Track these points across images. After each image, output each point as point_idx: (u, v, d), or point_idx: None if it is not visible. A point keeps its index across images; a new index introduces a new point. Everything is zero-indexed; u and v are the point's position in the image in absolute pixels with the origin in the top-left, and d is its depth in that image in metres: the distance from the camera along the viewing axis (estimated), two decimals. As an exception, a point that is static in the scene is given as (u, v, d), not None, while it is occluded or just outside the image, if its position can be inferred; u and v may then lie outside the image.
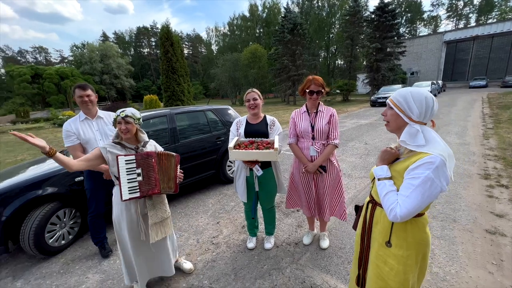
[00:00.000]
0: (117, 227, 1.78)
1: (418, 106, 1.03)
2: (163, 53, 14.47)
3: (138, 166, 1.64)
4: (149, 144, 1.83)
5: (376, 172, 1.15)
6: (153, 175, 1.68)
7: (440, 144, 1.00)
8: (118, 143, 1.71)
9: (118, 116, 1.65)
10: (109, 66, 42.97)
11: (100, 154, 1.65)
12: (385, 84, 21.91)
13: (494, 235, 2.43)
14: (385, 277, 1.16)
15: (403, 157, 1.10)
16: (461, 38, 32.12)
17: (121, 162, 1.59)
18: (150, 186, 1.67)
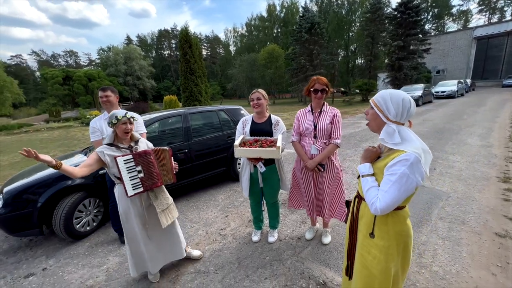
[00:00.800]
0: (124, 221, 1.90)
1: (395, 107, 1.11)
2: (182, 55, 15.02)
3: (137, 164, 1.77)
4: (140, 142, 1.96)
5: (360, 170, 1.24)
6: (154, 170, 1.85)
7: (415, 142, 1.09)
8: (112, 144, 1.80)
9: (123, 117, 1.77)
10: (132, 68, 45.11)
11: (99, 157, 1.73)
12: (408, 83, 21.04)
13: (504, 238, 2.38)
14: (369, 265, 1.25)
15: (384, 155, 1.19)
16: (494, 33, 29.92)
17: (121, 163, 1.70)
18: (153, 181, 1.85)
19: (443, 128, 7.47)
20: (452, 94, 17.61)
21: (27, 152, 1.43)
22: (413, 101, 1.12)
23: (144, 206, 1.92)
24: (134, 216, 1.89)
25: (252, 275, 2.09)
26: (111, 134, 1.83)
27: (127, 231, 1.94)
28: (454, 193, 3.32)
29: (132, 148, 1.88)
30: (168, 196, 2.07)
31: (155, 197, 1.95)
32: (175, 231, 2.13)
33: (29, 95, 47.95)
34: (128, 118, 1.82)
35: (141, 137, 2.02)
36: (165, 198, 2.02)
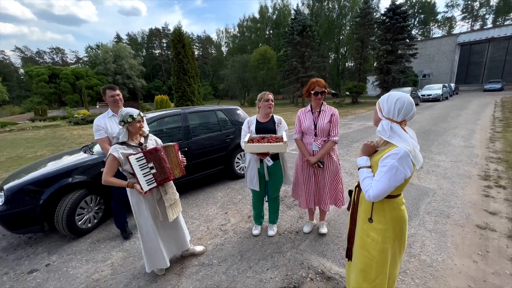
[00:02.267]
0: (137, 214, 1.97)
1: (389, 105, 1.28)
2: (175, 55, 14.97)
3: (149, 161, 1.85)
4: (149, 139, 2.05)
5: (358, 162, 1.40)
6: (166, 165, 1.94)
7: (407, 140, 1.23)
8: (124, 143, 1.87)
9: (138, 115, 1.87)
10: (122, 67, 44.27)
11: (114, 157, 1.81)
12: (396, 86, 21.74)
13: (484, 230, 2.59)
14: (368, 247, 1.40)
15: (379, 149, 1.34)
16: (476, 40, 31.39)
17: (133, 161, 1.78)
18: (166, 175, 1.94)
19: (429, 130, 7.83)
20: (438, 98, 18.35)
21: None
22: (411, 104, 1.26)
23: (155, 199, 2.01)
24: (146, 209, 1.97)
25: (255, 266, 2.20)
26: (125, 132, 1.90)
27: (141, 224, 2.01)
28: (439, 189, 3.55)
29: (142, 146, 1.96)
30: (176, 191, 2.16)
31: (165, 192, 2.04)
32: (180, 224, 2.23)
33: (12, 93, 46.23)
34: (142, 117, 1.92)
35: (149, 133, 2.11)
36: (173, 193, 2.11)
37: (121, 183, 1.88)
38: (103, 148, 2.48)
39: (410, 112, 1.28)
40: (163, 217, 2.03)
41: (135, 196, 1.97)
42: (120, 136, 1.91)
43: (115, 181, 1.87)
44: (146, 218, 1.99)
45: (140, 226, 2.02)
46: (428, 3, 50.90)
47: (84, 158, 3.03)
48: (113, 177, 1.87)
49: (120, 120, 1.87)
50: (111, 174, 1.86)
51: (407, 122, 1.32)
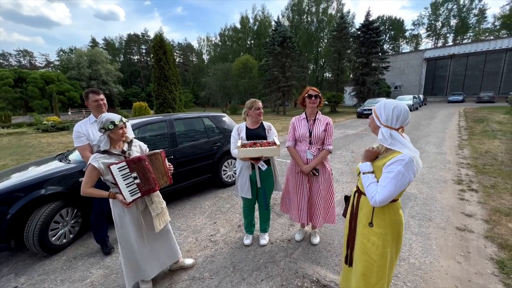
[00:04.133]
0: (119, 226, 1.83)
1: (386, 113, 1.32)
2: (156, 61, 14.64)
3: (132, 171, 1.72)
4: (133, 145, 1.92)
5: (361, 168, 1.42)
6: (150, 175, 1.81)
7: (409, 145, 1.28)
8: (105, 151, 1.75)
9: (120, 121, 1.74)
10: (97, 72, 42.34)
11: (94, 167, 1.68)
12: (371, 96, 22.96)
13: (463, 231, 2.74)
14: (368, 251, 1.41)
15: (382, 155, 1.37)
16: (440, 56, 34.37)
17: (115, 171, 1.65)
18: (151, 186, 1.81)
19: (404, 138, 8.28)
20: (409, 108, 19.53)
21: None
22: (407, 111, 1.32)
23: (140, 210, 1.87)
24: (130, 220, 1.83)
25: (248, 278, 2.12)
26: (107, 140, 1.76)
27: (122, 237, 1.86)
28: (420, 194, 3.73)
29: (125, 153, 1.82)
30: (162, 200, 2.05)
31: (151, 201, 1.91)
32: (169, 234, 2.11)
33: (-30, 97, 42.14)
34: (124, 123, 1.80)
35: (133, 138, 1.99)
36: (160, 202, 1.99)
37: (102, 193, 1.75)
38: (83, 156, 2.30)
39: (406, 119, 1.33)
40: (148, 228, 1.91)
41: (118, 207, 1.83)
42: (101, 144, 1.77)
43: (95, 192, 1.74)
44: (129, 231, 1.84)
45: (121, 239, 1.87)
46: (397, 20, 55.16)
47: (59, 167, 2.80)
48: (93, 187, 1.74)
49: (100, 127, 1.74)
50: (90, 184, 1.72)
51: (404, 128, 1.37)
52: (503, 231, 2.69)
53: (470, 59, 33.32)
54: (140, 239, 1.90)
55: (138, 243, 1.89)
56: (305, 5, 46.11)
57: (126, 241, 1.87)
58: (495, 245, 2.48)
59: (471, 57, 33.02)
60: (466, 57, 33.37)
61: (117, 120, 1.74)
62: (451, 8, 50.85)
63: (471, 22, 49.31)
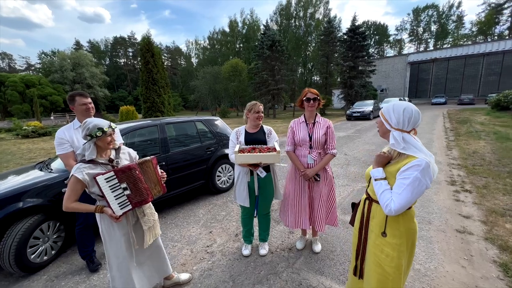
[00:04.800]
0: (108, 242, 1.67)
1: (396, 116, 1.24)
2: (144, 64, 14.31)
3: (121, 181, 1.56)
4: (122, 152, 1.76)
5: (373, 174, 1.32)
6: (142, 185, 1.64)
7: (422, 149, 1.20)
8: (89, 160, 1.56)
9: (109, 128, 1.57)
10: (81, 75, 40.98)
11: (78, 179, 1.50)
12: (358, 99, 23.38)
13: (463, 234, 2.72)
14: (382, 263, 1.31)
15: (394, 160, 1.29)
16: (423, 60, 35.69)
17: (102, 182, 1.48)
18: (143, 197, 1.64)
19: (394, 139, 8.40)
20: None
21: None
22: (418, 112, 1.24)
23: (131, 224, 1.70)
24: (120, 235, 1.66)
25: (250, 292, 1.98)
26: (93, 148, 1.57)
27: (112, 254, 1.68)
28: (416, 196, 3.71)
29: (113, 162, 1.65)
30: (154, 211, 1.89)
31: (142, 214, 1.75)
32: (159, 248, 1.95)
33: None
34: (113, 129, 1.62)
35: (122, 145, 1.82)
36: (152, 214, 1.83)
37: (88, 208, 1.56)
38: (67, 164, 2.11)
39: (418, 120, 1.25)
40: (139, 243, 1.74)
41: (106, 222, 1.65)
42: (86, 153, 1.57)
43: (79, 206, 1.55)
44: (119, 247, 1.67)
45: (109, 256, 1.69)
46: (381, 25, 56.98)
47: (39, 177, 2.57)
48: (77, 201, 1.55)
49: (85, 134, 1.55)
50: (74, 198, 1.53)
51: (416, 130, 1.29)
52: (501, 232, 2.69)
53: (450, 63, 34.76)
54: (130, 256, 1.72)
55: (128, 259, 1.71)
56: (293, 9, 46.75)
57: (115, 257, 1.69)
58: (495, 247, 2.47)
59: (452, 61, 34.46)
60: (447, 61, 34.80)
61: (106, 127, 1.56)
62: (431, 15, 53.15)
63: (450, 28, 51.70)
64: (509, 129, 9.36)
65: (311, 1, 45.51)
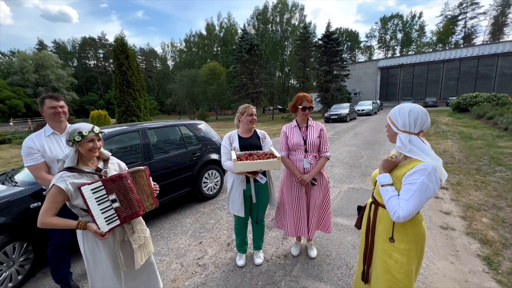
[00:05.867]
0: (91, 265, 1.47)
1: (402, 118, 1.24)
2: (117, 66, 13.58)
3: (110, 192, 1.41)
4: (111, 162, 1.60)
5: (380, 180, 1.29)
6: (134, 197, 1.49)
7: (430, 152, 1.19)
8: (74, 169, 1.40)
9: (90, 132, 1.40)
10: (46, 78, 37.94)
11: (59, 189, 1.32)
12: (335, 102, 24.26)
13: (446, 230, 2.85)
14: (391, 269, 1.28)
15: (401, 164, 1.27)
16: (391, 65, 38.13)
17: (87, 193, 1.33)
18: (134, 210, 1.48)
19: (372, 140, 8.78)
20: (369, 112, 21.13)
21: None
22: (425, 113, 1.23)
23: (118, 242, 1.51)
24: (105, 255, 1.46)
25: (249, 305, 1.88)
26: (73, 155, 1.40)
27: (96, 279, 1.48)
28: (399, 195, 3.85)
29: (101, 172, 1.48)
30: (145, 227, 1.69)
31: (131, 231, 1.55)
32: (152, 266, 1.75)
33: None
34: (97, 134, 1.44)
35: (110, 155, 1.63)
36: (142, 231, 1.63)
37: (68, 224, 1.36)
38: (38, 177, 1.85)
39: (426, 122, 1.23)
40: (128, 264, 1.54)
41: (89, 240, 1.45)
42: (66, 159, 1.40)
43: (58, 222, 1.34)
44: (105, 269, 1.47)
45: (93, 279, 1.49)
46: (353, 32, 60.03)
47: (1, 192, 2.26)
48: (55, 216, 1.34)
49: (66, 139, 1.39)
50: (52, 212, 1.33)
51: (424, 132, 1.29)
52: (480, 227, 2.86)
53: (416, 68, 37.51)
54: (118, 277, 1.53)
55: (115, 282, 1.51)
56: (270, 14, 47.58)
57: (101, 281, 1.49)
58: (477, 241, 2.61)
59: (417, 66, 37.22)
60: (412, 67, 37.51)
61: (86, 130, 1.39)
62: (396, 24, 57.20)
63: (413, 36, 55.93)
64: (470, 129, 10.22)
65: (287, 7, 46.70)
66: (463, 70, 34.00)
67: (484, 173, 4.62)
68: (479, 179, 4.35)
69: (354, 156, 6.66)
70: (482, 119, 12.55)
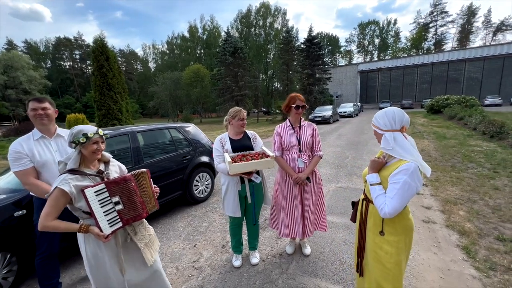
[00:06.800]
0: (94, 267, 1.46)
1: (381, 120, 1.38)
2: (97, 68, 13.06)
3: (113, 195, 1.42)
4: (111, 165, 1.61)
5: (369, 179, 1.39)
6: (137, 199, 1.50)
7: (408, 150, 1.29)
8: (76, 171, 1.41)
9: (95, 134, 1.41)
10: (16, 79, 35.57)
11: (63, 192, 1.32)
12: (318, 105, 24.86)
13: (428, 223, 3.04)
14: (382, 260, 1.38)
15: (388, 164, 1.36)
16: (370, 69, 39.79)
17: (90, 195, 1.33)
18: (137, 212, 1.49)
19: (355, 141, 9.12)
20: (351, 114, 21.90)
21: None
22: (399, 110, 1.36)
23: (120, 244, 1.49)
24: (108, 258, 1.45)
25: (248, 305, 1.90)
26: (76, 157, 1.41)
27: (99, 282, 1.47)
28: (384, 192, 4.05)
29: (102, 174, 1.48)
30: (148, 226, 1.69)
31: (134, 232, 1.55)
32: (157, 267, 1.70)
33: None
34: (101, 136, 1.45)
35: (111, 158, 1.63)
36: (146, 229, 1.64)
37: (71, 227, 1.35)
38: (26, 183, 1.77)
39: (403, 117, 1.34)
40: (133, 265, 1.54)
41: (92, 244, 1.43)
42: (68, 161, 1.40)
43: (60, 225, 1.33)
44: (109, 271, 1.46)
45: (97, 282, 1.47)
46: (333, 37, 62.00)
47: (-19, 201, 2.12)
48: (57, 219, 1.33)
49: (69, 141, 1.39)
50: (54, 215, 1.32)
51: (406, 128, 1.39)
52: (457, 219, 3.08)
53: (392, 72, 39.42)
54: (122, 281, 1.50)
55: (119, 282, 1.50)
56: (253, 18, 47.94)
57: (105, 283, 1.47)
58: (455, 232, 2.81)
59: (393, 70, 39.12)
60: (389, 71, 39.37)
61: (91, 132, 1.40)
62: (374, 29, 59.90)
63: (389, 41, 58.81)
64: (444, 129, 10.92)
65: (269, 11, 47.32)
66: (435, 74, 36.24)
67: (458, 170, 4.97)
68: (454, 175, 4.68)
69: (340, 156, 6.88)
70: (453, 120, 13.44)
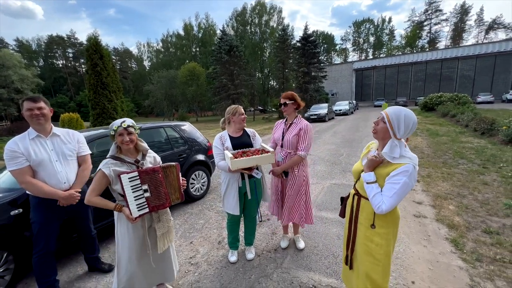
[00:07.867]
0: (120, 247, 1.70)
1: (405, 128, 1.30)
2: (91, 67, 12.94)
3: (143, 182, 1.61)
4: (148, 156, 1.79)
5: (365, 178, 1.41)
6: (162, 189, 1.68)
7: (409, 154, 1.33)
8: (117, 157, 1.65)
9: (119, 127, 1.60)
10: (7, 79, 34.90)
11: (104, 174, 1.59)
12: (314, 103, 24.99)
13: (419, 218, 3.13)
14: (372, 252, 1.44)
15: (385, 162, 1.39)
16: (365, 67, 40.03)
17: (125, 181, 1.54)
18: (161, 201, 1.68)
19: (350, 139, 9.22)
20: (346, 112, 22.08)
21: None
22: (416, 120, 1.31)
23: (146, 228, 1.71)
24: (134, 239, 1.69)
25: (244, 298, 1.95)
26: (113, 146, 1.67)
27: (122, 259, 1.70)
28: (377, 188, 4.14)
29: (139, 163, 1.69)
30: (171, 217, 1.87)
31: (158, 219, 1.75)
32: (169, 255, 1.93)
33: None
34: (125, 128, 1.61)
35: (149, 149, 1.80)
36: (167, 220, 1.82)
37: (108, 204, 1.62)
38: (23, 182, 1.78)
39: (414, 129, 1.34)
40: (152, 248, 1.76)
41: (123, 224, 1.68)
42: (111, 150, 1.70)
43: (101, 201, 1.61)
44: (131, 251, 1.69)
45: (120, 258, 1.71)
46: (329, 35, 62.14)
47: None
48: (99, 196, 1.61)
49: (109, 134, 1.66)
50: (97, 193, 1.61)
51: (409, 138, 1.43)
52: (447, 213, 3.17)
53: (387, 70, 39.74)
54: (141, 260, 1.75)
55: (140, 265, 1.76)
56: (248, 16, 47.79)
57: (126, 261, 1.70)
58: (445, 226, 2.90)
59: (388, 68, 39.44)
60: (384, 69, 39.68)
61: (116, 125, 1.61)
62: (368, 28, 60.17)
63: (384, 40, 59.17)
64: (437, 126, 11.09)
65: (265, 9, 47.21)
66: (429, 72, 36.65)
67: (449, 166, 5.09)
68: (446, 171, 4.79)
69: (335, 153, 6.97)
70: (446, 117, 13.66)
